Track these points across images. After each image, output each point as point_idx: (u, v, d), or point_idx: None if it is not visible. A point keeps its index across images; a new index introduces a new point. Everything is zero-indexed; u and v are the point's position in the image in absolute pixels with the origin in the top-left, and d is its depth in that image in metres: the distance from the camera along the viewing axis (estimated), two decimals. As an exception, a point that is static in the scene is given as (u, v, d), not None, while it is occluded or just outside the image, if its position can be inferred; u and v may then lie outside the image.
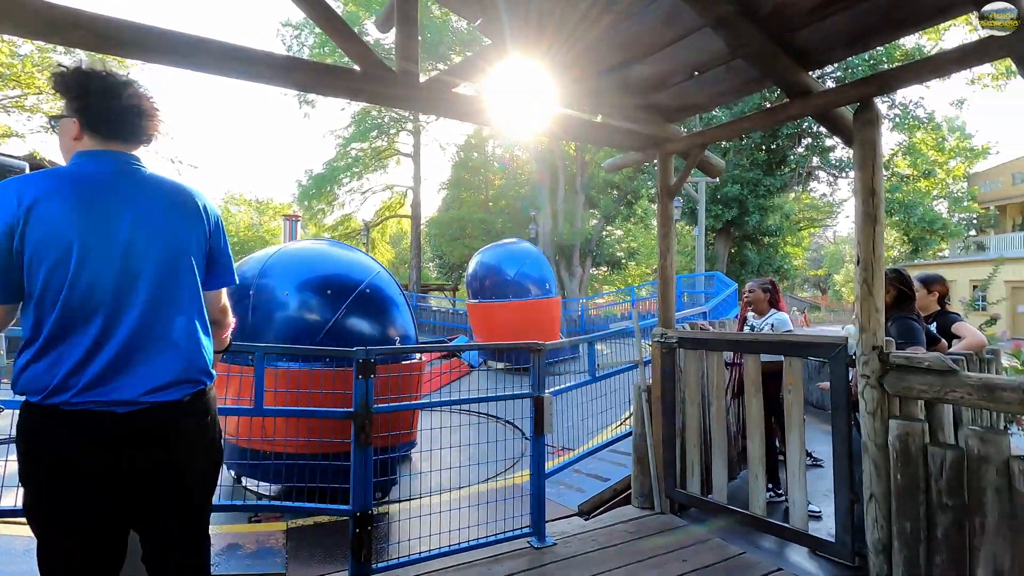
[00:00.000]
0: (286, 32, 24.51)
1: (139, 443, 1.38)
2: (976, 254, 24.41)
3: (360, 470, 2.55)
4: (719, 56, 2.87)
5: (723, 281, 13.95)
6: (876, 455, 2.37)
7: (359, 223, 28.83)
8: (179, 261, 1.47)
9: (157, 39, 2.16)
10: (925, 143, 20.55)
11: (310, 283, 4.23)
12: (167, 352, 1.43)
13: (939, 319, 3.48)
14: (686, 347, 3.41)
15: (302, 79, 2.58)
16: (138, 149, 1.52)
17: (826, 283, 44.18)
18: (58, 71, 1.44)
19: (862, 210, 2.45)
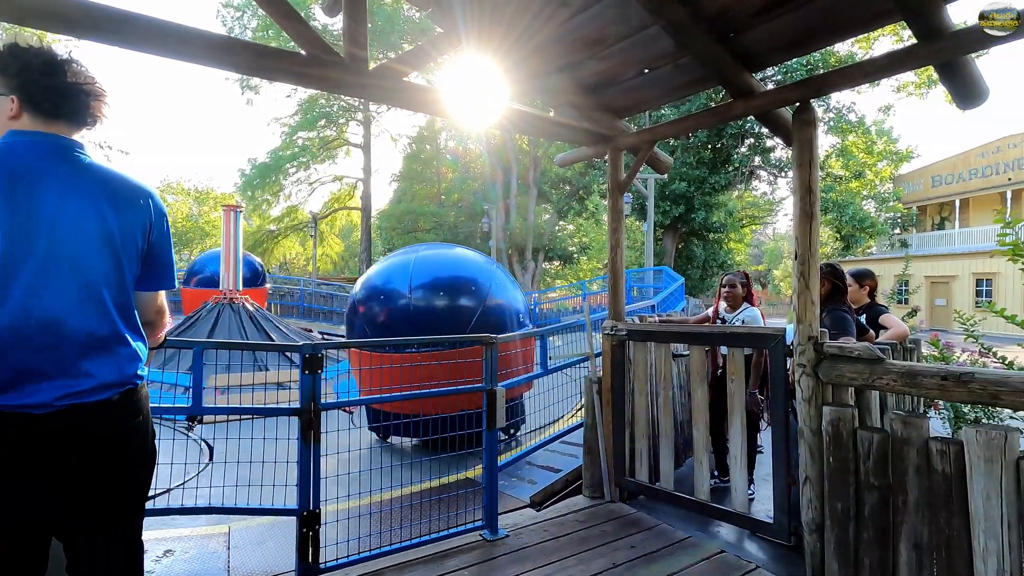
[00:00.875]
0: (227, 13, 23.41)
1: (60, 445, 1.28)
2: (900, 251, 26.13)
3: (306, 468, 2.47)
4: (668, 54, 2.93)
5: (671, 275, 14.37)
6: (811, 440, 2.49)
7: (306, 215, 27.96)
8: (106, 256, 1.37)
9: (81, 12, 2.02)
10: (856, 146, 21.79)
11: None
12: (92, 352, 1.34)
13: (867, 311, 3.70)
14: (635, 339, 3.49)
15: (242, 62, 2.46)
16: (81, 132, 1.41)
17: (766, 278, 46.19)
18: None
19: (799, 207, 2.57)
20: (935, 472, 2.05)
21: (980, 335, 3.80)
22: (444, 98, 2.96)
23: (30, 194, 1.27)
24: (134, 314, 1.47)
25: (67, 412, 1.29)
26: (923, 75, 18.26)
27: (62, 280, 1.30)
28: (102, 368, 1.35)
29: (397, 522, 2.72)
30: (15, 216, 1.24)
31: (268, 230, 29.34)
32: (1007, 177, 23.69)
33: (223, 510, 2.64)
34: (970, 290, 22.56)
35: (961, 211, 26.22)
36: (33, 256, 1.26)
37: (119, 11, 2.09)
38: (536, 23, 2.91)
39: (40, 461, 1.26)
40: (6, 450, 1.23)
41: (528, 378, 4.45)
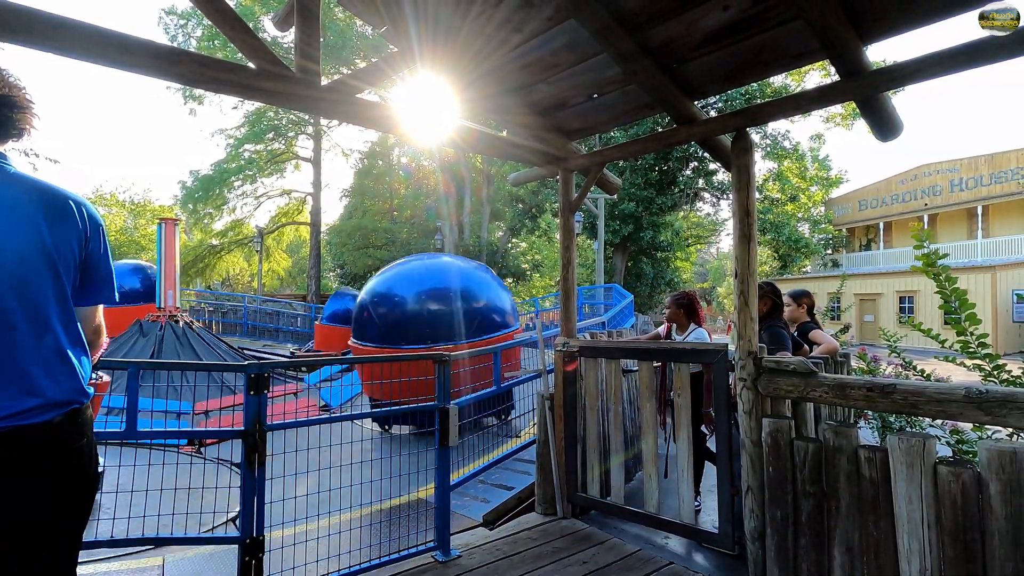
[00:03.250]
0: (170, 21, 22.61)
1: (3, 469, 1.20)
2: (832, 270, 27.79)
3: (250, 493, 2.37)
4: (617, 81, 3.06)
5: (621, 293, 14.72)
6: (752, 450, 2.61)
7: (252, 229, 27.04)
8: (43, 271, 1.30)
9: (12, 15, 1.92)
10: (791, 171, 23.19)
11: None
12: (30, 372, 1.26)
13: (799, 327, 3.92)
14: (586, 355, 3.56)
15: (189, 73, 2.38)
16: (6, 144, 1.34)
17: (711, 295, 47.96)
18: None
19: (739, 229, 2.71)
20: (864, 478, 2.18)
21: (902, 350, 4.09)
22: (397, 115, 2.97)
23: None
24: (78, 329, 1.40)
25: (8, 434, 1.21)
26: (849, 107, 19.69)
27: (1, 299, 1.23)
28: (45, 387, 1.28)
29: (347, 546, 2.65)
30: None
31: (210, 245, 28.17)
32: (924, 202, 25.70)
33: (156, 540, 2.50)
34: (894, 307, 24.15)
35: (885, 233, 28.17)
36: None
37: (54, 16, 2.01)
38: (490, 46, 2.98)
39: None
40: None
41: (472, 398, 4.45)
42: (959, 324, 3.03)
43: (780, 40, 2.49)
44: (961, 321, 3.02)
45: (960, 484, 1.90)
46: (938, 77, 2.21)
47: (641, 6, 2.47)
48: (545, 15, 2.67)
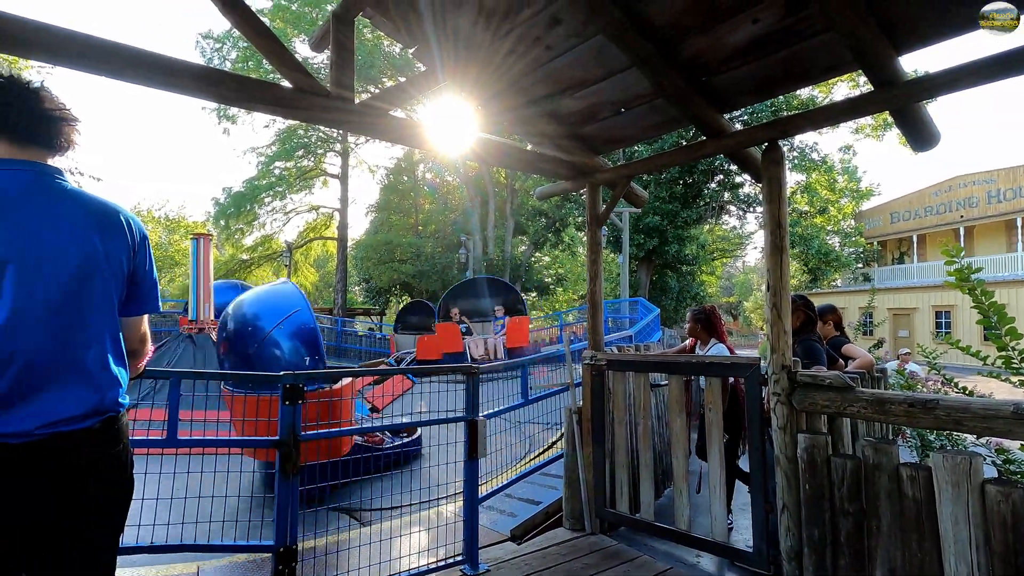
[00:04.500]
0: (207, 44, 23.49)
1: (36, 475, 1.25)
2: (863, 284, 27.09)
3: (284, 502, 2.41)
4: (644, 95, 3.07)
5: (646, 306, 14.58)
6: (787, 467, 2.55)
7: (281, 244, 27.65)
8: (93, 283, 1.37)
9: (68, 42, 2.03)
10: (820, 183, 22.78)
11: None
12: (74, 381, 1.32)
13: (830, 343, 3.83)
14: (614, 369, 3.53)
15: (229, 93, 2.48)
16: (54, 158, 1.42)
17: (737, 309, 47.17)
18: None
19: (770, 241, 2.68)
20: (906, 497, 2.12)
21: (942, 367, 3.96)
22: (425, 131, 3.03)
23: (15, 225, 1.27)
24: (120, 340, 1.46)
25: (47, 441, 1.26)
26: (879, 119, 19.32)
27: (49, 309, 1.29)
28: (85, 396, 1.33)
29: (376, 558, 2.66)
30: (1, 246, 1.24)
31: (241, 259, 28.88)
32: (959, 214, 24.95)
33: (192, 547, 2.55)
34: (930, 321, 23.40)
35: (919, 246, 27.40)
36: (21, 286, 1.25)
37: (106, 41, 2.11)
38: (514, 60, 3.03)
39: (13, 492, 1.23)
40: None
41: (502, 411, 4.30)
42: (1000, 339, 2.93)
43: (811, 52, 2.48)
44: (1002, 336, 2.92)
45: (1010, 504, 1.83)
46: (974, 87, 2.17)
47: (670, 22, 2.49)
48: (573, 32, 2.71)
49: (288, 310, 5.65)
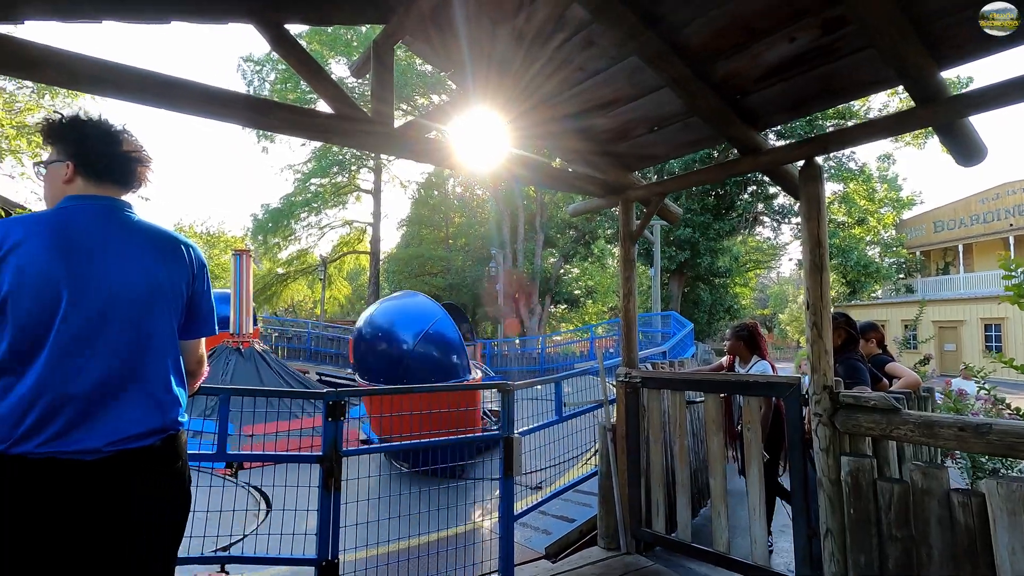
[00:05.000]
0: (247, 67, 24.44)
1: (105, 490, 1.33)
2: (905, 296, 26.14)
3: (327, 516, 2.48)
4: (678, 113, 3.09)
5: (679, 321, 14.37)
6: (830, 490, 2.49)
7: (316, 258, 28.34)
8: (157, 308, 1.46)
9: (132, 78, 2.17)
10: (858, 193, 22.18)
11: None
12: (140, 400, 1.41)
13: (873, 361, 3.72)
14: (649, 386, 3.52)
15: (278, 122, 2.60)
16: (128, 193, 1.53)
17: (772, 322, 46.02)
18: (52, 118, 1.45)
19: (809, 259, 2.65)
20: (958, 524, 2.05)
21: (992, 383, 3.81)
22: (460, 152, 3.10)
23: (88, 255, 1.37)
24: (180, 362, 1.55)
25: (114, 458, 1.35)
26: (920, 125, 18.68)
27: (118, 334, 1.38)
28: (149, 415, 1.42)
29: (414, 573, 2.70)
30: (74, 275, 1.33)
31: (277, 273, 29.69)
32: (1008, 223, 23.91)
33: (236, 559, 2.63)
34: (979, 335, 22.39)
35: (965, 256, 26.33)
36: (91, 312, 1.35)
37: (166, 76, 2.25)
38: (551, 82, 3.08)
39: (86, 505, 1.31)
40: (57, 495, 1.28)
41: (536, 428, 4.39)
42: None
43: (850, 69, 2.46)
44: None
45: (1072, 535, 1.75)
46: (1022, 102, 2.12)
47: (704, 42, 2.51)
48: (607, 53, 2.75)
49: (431, 317, 6.92)
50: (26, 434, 1.26)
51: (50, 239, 1.32)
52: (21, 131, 12.13)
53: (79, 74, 2.09)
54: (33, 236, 1.31)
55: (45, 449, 1.27)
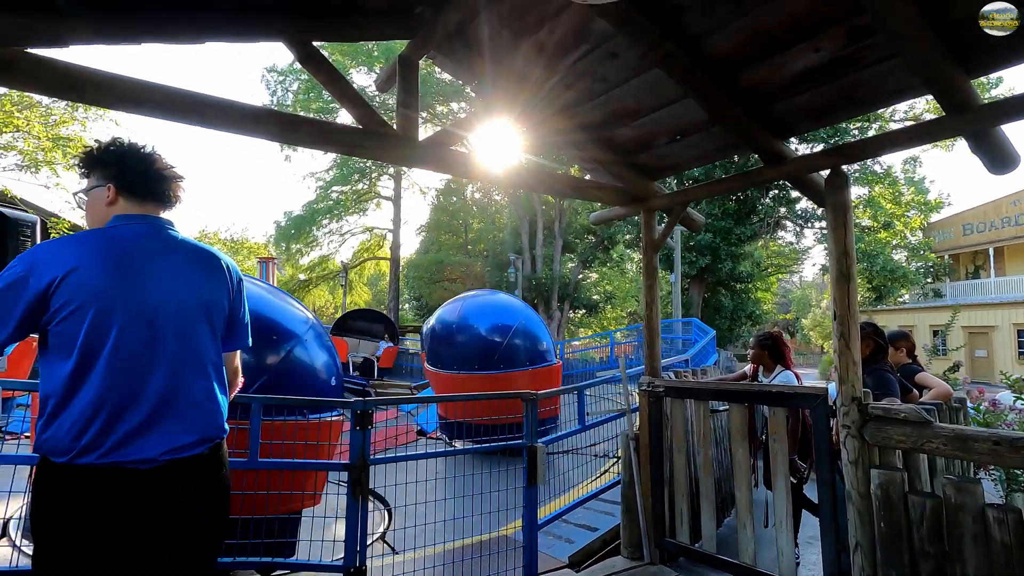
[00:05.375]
0: (271, 78, 24.95)
1: (159, 497, 1.40)
2: (933, 300, 25.49)
3: (353, 524, 2.52)
4: (700, 123, 3.09)
5: (700, 328, 14.22)
6: (860, 504, 2.45)
7: (337, 264, 28.70)
8: (201, 322, 1.52)
9: (167, 97, 2.25)
10: (884, 196, 21.74)
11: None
12: (189, 411, 1.46)
13: (902, 371, 3.65)
14: (672, 396, 3.50)
15: (307, 137, 2.67)
16: (167, 211, 1.60)
17: (794, 327, 45.25)
18: (90, 148, 1.54)
19: (836, 269, 2.63)
20: (993, 540, 2.00)
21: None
22: (483, 163, 3.14)
23: (137, 273, 1.43)
24: (223, 372, 1.60)
25: (167, 467, 1.40)
26: (948, 126, 18.27)
27: (167, 347, 1.44)
28: (199, 425, 1.48)
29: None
30: (125, 293, 1.39)
31: (299, 279, 30.15)
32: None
33: (264, 564, 2.68)
34: (1011, 341, 21.72)
35: (996, 259, 25.59)
36: (142, 328, 1.41)
37: (198, 94, 2.33)
38: (572, 93, 3.11)
39: (140, 512, 1.37)
40: (116, 503, 1.34)
41: (559, 436, 4.43)
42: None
43: (876, 78, 2.44)
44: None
45: (1114, 554, 1.71)
46: (1059, 108, 2.08)
47: (727, 53, 2.52)
48: (629, 65, 2.77)
49: (520, 313, 8.62)
50: (88, 446, 1.32)
51: (101, 259, 1.39)
52: (56, 143, 12.54)
53: (118, 94, 2.18)
54: (86, 257, 1.37)
55: (107, 460, 1.33)
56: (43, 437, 1.34)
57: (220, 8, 2.26)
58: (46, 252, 1.36)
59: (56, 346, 1.36)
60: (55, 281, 1.32)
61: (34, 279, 1.32)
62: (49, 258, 1.34)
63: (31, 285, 1.32)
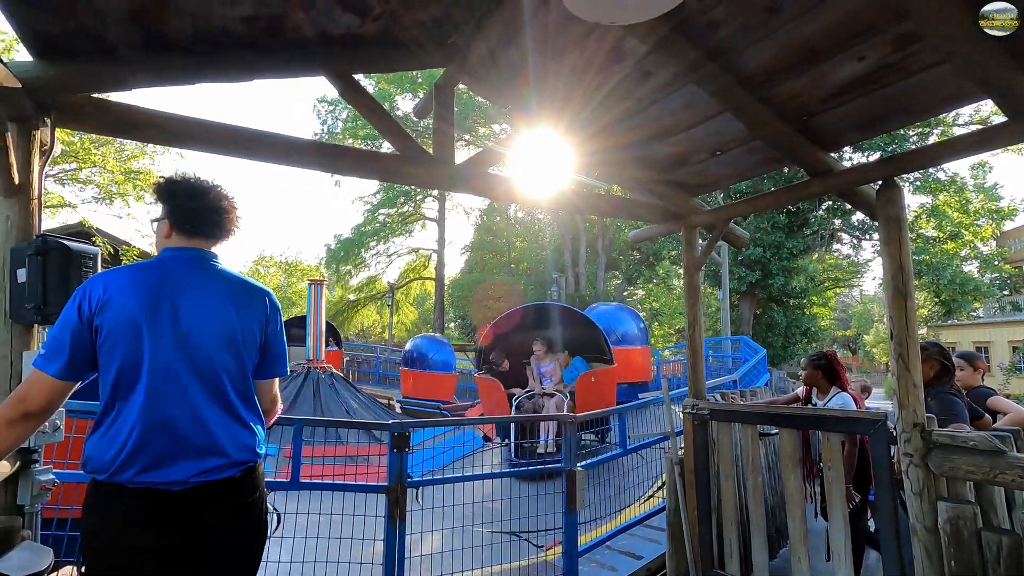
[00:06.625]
0: (322, 108, 26.13)
1: (192, 517, 1.44)
2: (1012, 314, 23.66)
3: (392, 546, 2.53)
4: (740, 138, 3.01)
5: (751, 346, 13.69)
6: (926, 539, 2.27)
7: (384, 285, 29.40)
8: (230, 352, 1.57)
9: (221, 134, 2.39)
10: (949, 205, 20.49)
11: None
12: (219, 435, 1.51)
13: (971, 394, 3.37)
14: (718, 419, 3.37)
15: (348, 165, 2.78)
16: (218, 244, 1.68)
17: (855, 343, 42.97)
18: (156, 181, 1.64)
19: (892, 286, 2.48)
20: (1083, 586, 1.81)
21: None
22: (519, 186, 3.15)
23: (172, 302, 1.50)
24: (254, 399, 1.65)
25: (199, 488, 1.45)
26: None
27: (199, 373, 1.50)
28: (229, 448, 1.52)
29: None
30: (158, 322, 1.47)
31: (348, 300, 31.03)
32: None
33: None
34: (1105, 359, 19.88)
35: (1083, 270, 23.60)
36: (173, 354, 1.47)
37: (251, 130, 2.46)
38: (607, 114, 3.09)
39: (174, 531, 1.42)
40: (149, 521, 1.40)
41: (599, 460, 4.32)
42: None
43: (926, 84, 2.31)
44: None
45: None
46: None
47: (765, 66, 2.45)
48: (664, 83, 2.74)
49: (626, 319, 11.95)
50: (122, 465, 1.39)
51: (138, 289, 1.48)
52: (128, 176, 13.48)
53: (177, 133, 2.34)
54: (125, 287, 1.47)
55: (140, 479, 1.40)
56: (86, 455, 1.44)
57: (266, 47, 2.39)
58: (92, 283, 1.46)
59: (102, 371, 1.46)
60: (96, 310, 1.43)
61: (79, 309, 1.43)
62: (93, 289, 1.45)
63: (77, 315, 1.43)
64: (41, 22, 1.86)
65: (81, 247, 1.95)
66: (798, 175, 16.04)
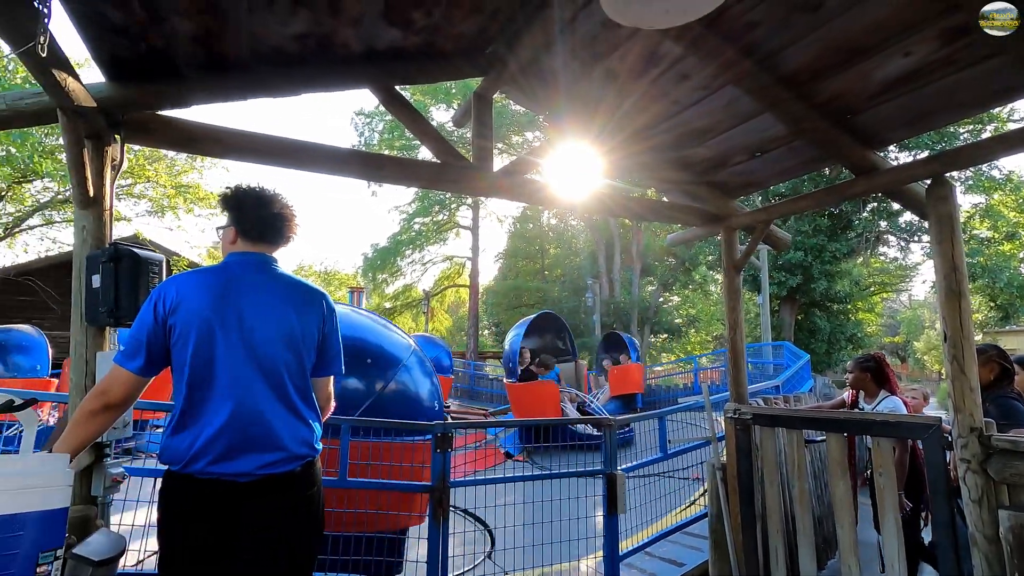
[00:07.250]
0: (359, 120, 26.80)
1: (257, 508, 1.53)
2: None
3: (435, 546, 2.58)
4: (780, 137, 2.97)
5: (792, 351, 13.30)
6: (987, 549, 2.18)
7: (420, 293, 29.84)
8: (293, 348, 1.66)
9: (270, 145, 2.51)
10: (1005, 204, 19.49)
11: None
12: (282, 430, 1.59)
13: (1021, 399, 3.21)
14: (761, 424, 3.31)
15: (390, 174, 2.87)
16: (278, 249, 1.77)
17: (905, 351, 41.14)
18: (223, 191, 1.74)
19: (944, 286, 2.41)
20: None
21: None
22: (557, 191, 3.19)
23: (236, 301, 1.60)
24: (312, 396, 1.73)
25: (263, 480, 1.54)
26: (1082, 123, 16.28)
27: (259, 369, 1.59)
28: (289, 443, 1.60)
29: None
30: (225, 321, 1.57)
31: (385, 307, 31.59)
32: None
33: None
34: None
35: None
36: (240, 353, 1.57)
37: (297, 141, 2.57)
38: (644, 116, 3.10)
39: (240, 521, 1.51)
40: (217, 509, 1.49)
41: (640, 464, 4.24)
42: None
43: (978, 78, 2.25)
44: None
45: None
46: None
47: (805, 65, 2.43)
48: (702, 85, 2.74)
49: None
50: (194, 457, 1.50)
51: (208, 291, 1.58)
52: (178, 190, 14.14)
53: (230, 145, 2.46)
54: (195, 289, 1.58)
55: (211, 470, 1.49)
56: (162, 447, 1.55)
57: (313, 62, 2.50)
58: (165, 287, 1.58)
59: (175, 368, 1.57)
60: (169, 311, 1.54)
61: (155, 310, 1.55)
62: (166, 292, 1.56)
63: (151, 316, 1.54)
64: (116, 47, 2.01)
65: (149, 255, 2.08)
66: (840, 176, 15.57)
